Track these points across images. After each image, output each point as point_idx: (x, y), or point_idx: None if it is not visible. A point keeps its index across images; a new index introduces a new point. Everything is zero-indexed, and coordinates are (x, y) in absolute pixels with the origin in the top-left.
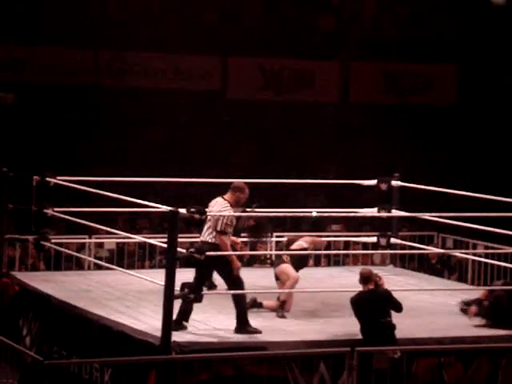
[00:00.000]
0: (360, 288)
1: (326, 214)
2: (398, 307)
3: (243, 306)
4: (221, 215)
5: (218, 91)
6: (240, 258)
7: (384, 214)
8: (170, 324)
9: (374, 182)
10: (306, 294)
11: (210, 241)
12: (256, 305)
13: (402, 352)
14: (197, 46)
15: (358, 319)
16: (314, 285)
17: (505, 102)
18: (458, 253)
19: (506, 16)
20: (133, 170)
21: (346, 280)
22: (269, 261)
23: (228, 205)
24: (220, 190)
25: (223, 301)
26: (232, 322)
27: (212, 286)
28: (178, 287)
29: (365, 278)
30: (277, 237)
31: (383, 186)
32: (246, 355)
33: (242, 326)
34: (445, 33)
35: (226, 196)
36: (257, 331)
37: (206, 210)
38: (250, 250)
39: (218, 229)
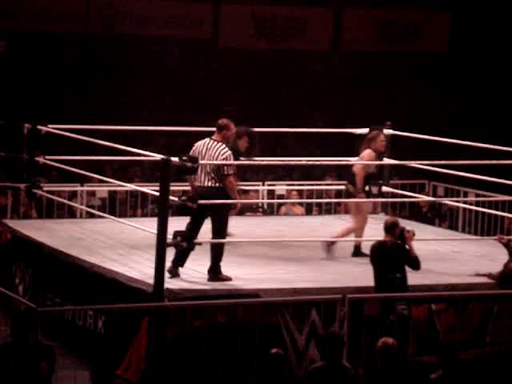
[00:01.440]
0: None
1: (317, 163)
2: (414, 264)
3: (220, 256)
4: (225, 158)
5: (210, 39)
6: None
7: (375, 162)
8: (163, 271)
9: (365, 130)
10: (298, 241)
11: (211, 185)
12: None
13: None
14: None
15: (372, 267)
16: (306, 233)
17: (497, 49)
18: (448, 201)
19: None
20: (122, 119)
21: (338, 228)
22: (260, 209)
23: (224, 145)
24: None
25: None
26: (225, 270)
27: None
28: (170, 235)
29: (387, 227)
30: (269, 185)
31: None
32: (238, 302)
33: (215, 274)
34: None
35: (214, 137)
36: (228, 279)
37: (197, 156)
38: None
39: (226, 172)
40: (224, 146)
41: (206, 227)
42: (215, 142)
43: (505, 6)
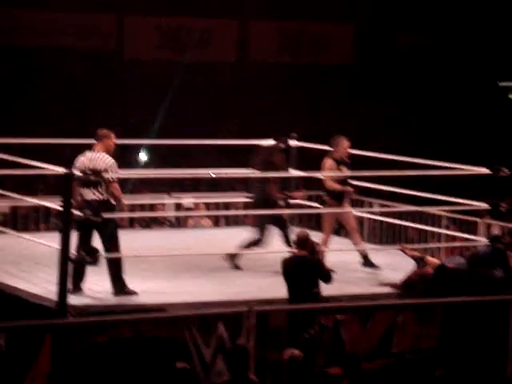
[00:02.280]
0: None
1: (224, 175)
2: (327, 278)
3: (119, 268)
4: (109, 166)
5: (115, 50)
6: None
7: (281, 174)
8: (66, 287)
9: (271, 141)
10: (205, 254)
11: (98, 198)
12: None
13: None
14: (93, 4)
15: (285, 282)
16: (213, 246)
17: (400, 59)
18: (354, 211)
19: None
20: (29, 131)
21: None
22: (168, 222)
23: (106, 155)
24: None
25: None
26: (130, 284)
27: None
28: (74, 250)
29: (300, 241)
30: (176, 198)
31: (280, 146)
32: (143, 317)
33: (119, 287)
34: None
35: (96, 148)
36: (132, 292)
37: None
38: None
39: (111, 179)
40: (107, 155)
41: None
42: (98, 153)
43: (407, 16)
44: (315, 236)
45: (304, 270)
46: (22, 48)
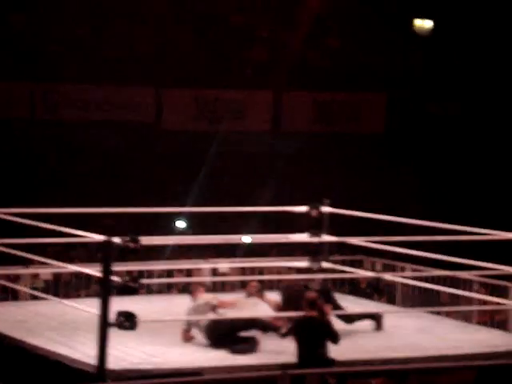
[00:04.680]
0: None
1: (258, 240)
2: (336, 338)
3: None
4: None
5: (152, 122)
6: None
7: (314, 239)
8: (105, 352)
9: (305, 208)
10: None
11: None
12: None
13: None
14: (131, 78)
15: (295, 342)
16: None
17: (431, 127)
18: (386, 276)
19: (431, 45)
20: (70, 201)
21: None
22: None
23: None
24: (156, 218)
25: (158, 328)
26: (167, 350)
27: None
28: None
29: (310, 303)
30: (212, 263)
31: (314, 213)
32: (181, 381)
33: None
34: (373, 63)
35: None
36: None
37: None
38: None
39: None
40: None
41: (148, 306)
42: None
43: (435, 87)
44: (349, 301)
45: (313, 330)
46: (61, 122)
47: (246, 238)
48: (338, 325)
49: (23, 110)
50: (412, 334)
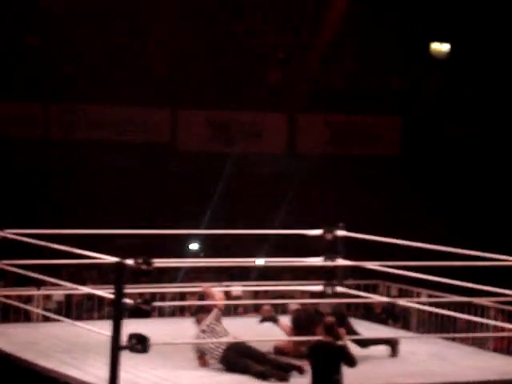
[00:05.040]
0: None
1: (271, 264)
2: (353, 363)
3: None
4: None
5: (168, 143)
6: None
7: (329, 263)
8: (117, 375)
9: (319, 231)
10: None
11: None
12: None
13: None
14: (147, 99)
15: (310, 367)
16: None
17: (449, 151)
18: (402, 301)
19: (448, 68)
20: (83, 221)
21: None
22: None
23: None
24: (169, 240)
25: (170, 351)
26: (179, 373)
27: None
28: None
29: (328, 328)
30: (225, 286)
31: (328, 236)
32: None
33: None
34: (388, 85)
35: None
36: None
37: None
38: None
39: None
40: None
41: (161, 329)
42: None
43: (452, 110)
44: (363, 326)
45: (329, 356)
46: (77, 142)
47: (260, 261)
48: (352, 349)
49: (38, 129)
50: (426, 360)
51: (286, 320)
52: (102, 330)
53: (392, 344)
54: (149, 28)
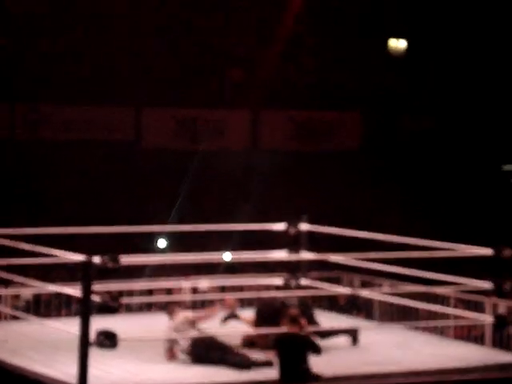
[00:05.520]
0: None
1: (237, 258)
2: (318, 350)
3: None
4: None
5: (132, 141)
6: None
7: (292, 257)
8: (86, 371)
9: (283, 225)
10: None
11: None
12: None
13: None
14: (110, 98)
15: (278, 358)
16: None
17: (404, 140)
18: (364, 292)
19: (406, 64)
20: (49, 220)
21: None
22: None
23: None
24: (136, 237)
25: (139, 346)
26: (148, 367)
27: None
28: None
29: (292, 320)
30: (192, 281)
31: (292, 230)
32: None
33: None
34: (347, 82)
35: None
36: None
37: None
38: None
39: None
40: None
41: (129, 325)
42: None
43: (410, 100)
44: (327, 317)
45: (295, 346)
46: (43, 141)
47: (226, 256)
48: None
49: (3, 129)
50: (389, 349)
51: (248, 313)
52: (70, 327)
53: (352, 334)
54: (110, 28)
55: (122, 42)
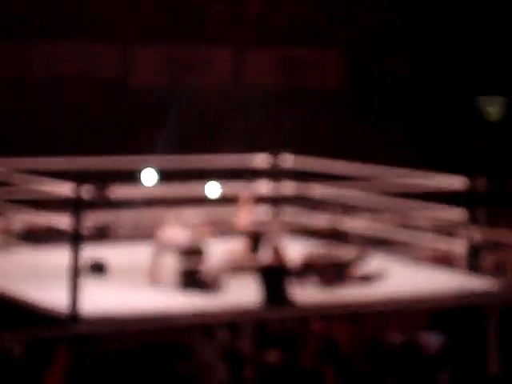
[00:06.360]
0: None
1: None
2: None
3: None
4: None
5: (120, 78)
6: None
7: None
8: (77, 297)
9: (265, 156)
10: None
11: None
12: None
13: None
14: (97, 35)
15: (262, 284)
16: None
17: (389, 80)
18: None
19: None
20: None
21: None
22: None
23: None
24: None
25: (131, 275)
26: (138, 297)
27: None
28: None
29: (274, 251)
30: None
31: (274, 161)
32: (152, 327)
33: None
34: (332, 20)
35: None
36: None
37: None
38: None
39: None
40: None
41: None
42: None
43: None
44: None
45: (279, 275)
46: (32, 79)
47: (212, 187)
48: None
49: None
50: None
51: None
52: (61, 256)
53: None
54: None
55: None
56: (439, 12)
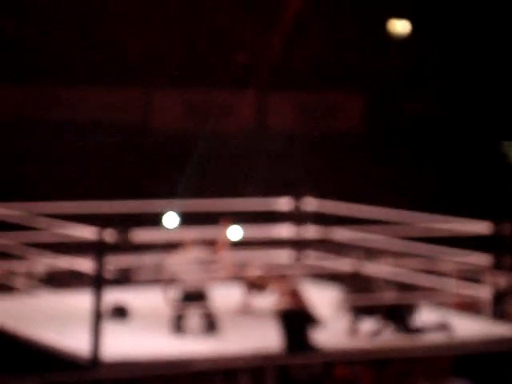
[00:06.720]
0: None
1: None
2: (316, 322)
3: None
4: None
5: (141, 122)
6: None
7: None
8: (99, 341)
9: (287, 200)
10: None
11: None
12: None
13: None
14: (121, 80)
15: (282, 330)
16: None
17: (409, 124)
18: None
19: (407, 47)
20: (58, 199)
21: None
22: None
23: None
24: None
25: (152, 321)
26: (159, 342)
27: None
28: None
29: (293, 293)
30: None
31: (297, 205)
32: (173, 372)
33: None
34: (353, 65)
35: None
36: None
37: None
38: None
39: None
40: None
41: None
42: None
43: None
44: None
45: (297, 319)
46: (53, 122)
47: (235, 230)
48: None
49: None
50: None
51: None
52: (83, 300)
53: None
54: (121, 11)
55: (131, 24)
56: (461, 56)
